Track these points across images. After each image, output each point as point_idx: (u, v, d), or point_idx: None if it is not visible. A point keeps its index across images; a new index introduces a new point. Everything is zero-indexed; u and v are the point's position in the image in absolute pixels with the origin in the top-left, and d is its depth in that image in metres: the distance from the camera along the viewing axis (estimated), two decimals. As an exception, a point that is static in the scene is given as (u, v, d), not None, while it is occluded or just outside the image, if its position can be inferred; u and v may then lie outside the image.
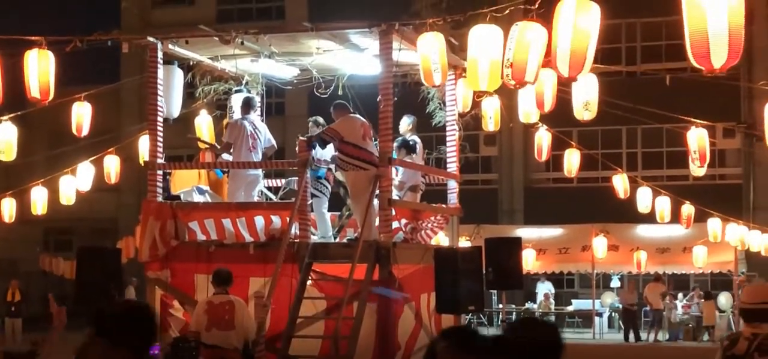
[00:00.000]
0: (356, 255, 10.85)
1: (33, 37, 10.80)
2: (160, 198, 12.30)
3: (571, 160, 18.52)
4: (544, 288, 29.60)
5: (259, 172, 13.02)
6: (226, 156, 12.85)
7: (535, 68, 8.78)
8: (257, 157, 12.62)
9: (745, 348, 5.85)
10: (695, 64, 6.62)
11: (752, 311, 5.93)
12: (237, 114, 13.15)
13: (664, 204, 20.43)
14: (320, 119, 12.46)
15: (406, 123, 13.05)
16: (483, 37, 9.71)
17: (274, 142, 13.13)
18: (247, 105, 12.85)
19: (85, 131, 14.25)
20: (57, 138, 26.12)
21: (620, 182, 19.83)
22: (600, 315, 28.83)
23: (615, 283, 30.13)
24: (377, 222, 11.37)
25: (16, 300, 23.49)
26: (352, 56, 12.84)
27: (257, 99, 13.66)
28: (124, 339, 3.94)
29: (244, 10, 37.39)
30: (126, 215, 34.33)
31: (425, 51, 10.93)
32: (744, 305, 6.06)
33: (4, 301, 23.87)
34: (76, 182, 17.64)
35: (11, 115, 13.95)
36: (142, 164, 13.36)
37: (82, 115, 14.22)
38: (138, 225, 13.40)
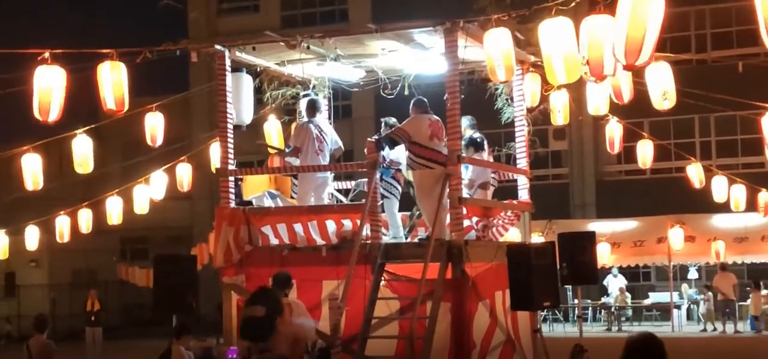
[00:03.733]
0: (428, 255, 10.82)
1: (104, 51, 10.97)
2: (232, 204, 12.41)
3: (645, 151, 18.26)
4: (617, 282, 29.23)
5: (328, 174, 13.06)
6: (293, 160, 12.88)
7: (613, 60, 8.60)
8: (324, 159, 12.66)
9: None
10: (775, 49, 6.46)
11: None
12: (305, 118, 13.21)
13: (739, 193, 20.03)
14: (392, 120, 12.43)
15: (465, 124, 12.92)
16: (553, 31, 9.59)
17: (341, 144, 13.16)
18: (312, 107, 12.90)
19: (159, 141, 14.45)
20: (130, 149, 26.62)
21: (695, 172, 19.48)
22: (678, 307, 28.40)
23: (692, 275, 29.68)
24: (448, 221, 11.34)
25: (95, 310, 23.89)
26: (417, 56, 12.81)
27: (323, 101, 13.70)
28: None
29: (308, 14, 37.67)
30: (199, 223, 34.84)
31: (490, 48, 10.85)
32: None
33: (84, 311, 24.33)
34: (150, 191, 17.89)
35: (86, 128, 14.20)
36: (214, 172, 13.50)
37: (155, 125, 14.42)
38: (211, 232, 13.55)
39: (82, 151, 14.20)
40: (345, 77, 14.04)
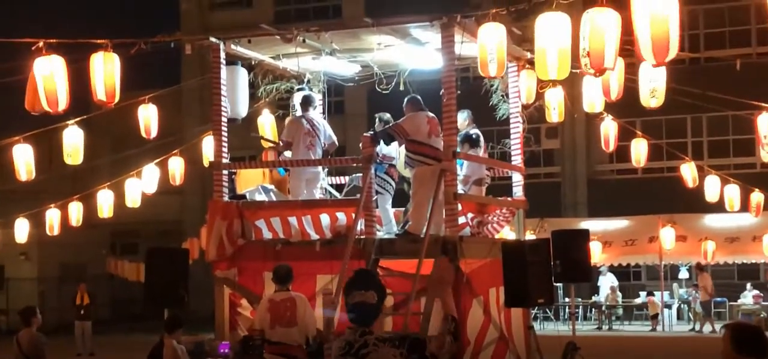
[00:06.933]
0: (423, 251, 10.76)
1: (98, 41, 10.88)
2: (226, 198, 12.34)
3: (639, 150, 18.25)
4: (608, 281, 29.25)
5: (319, 169, 12.99)
6: (287, 154, 12.85)
7: (613, 54, 8.57)
8: (316, 154, 12.58)
9: None
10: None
11: None
12: (298, 112, 13.16)
13: (733, 193, 20.02)
14: (386, 115, 12.38)
15: (462, 118, 12.89)
16: (550, 25, 9.53)
17: (334, 139, 13.09)
18: (306, 102, 12.84)
19: (153, 133, 14.39)
20: (121, 141, 26.46)
21: (688, 171, 19.49)
22: (669, 307, 28.44)
23: (683, 274, 29.73)
24: (443, 217, 11.27)
25: (85, 304, 23.75)
26: (413, 51, 12.75)
27: (317, 96, 13.64)
28: None
29: (302, 10, 37.56)
30: (190, 217, 34.72)
31: (484, 41, 10.80)
32: None
33: (73, 305, 24.16)
34: (142, 184, 17.78)
35: (77, 119, 14.09)
36: (207, 165, 13.42)
37: (149, 117, 14.34)
38: (203, 226, 13.49)
39: (73, 142, 14.09)
40: (340, 72, 13.98)
